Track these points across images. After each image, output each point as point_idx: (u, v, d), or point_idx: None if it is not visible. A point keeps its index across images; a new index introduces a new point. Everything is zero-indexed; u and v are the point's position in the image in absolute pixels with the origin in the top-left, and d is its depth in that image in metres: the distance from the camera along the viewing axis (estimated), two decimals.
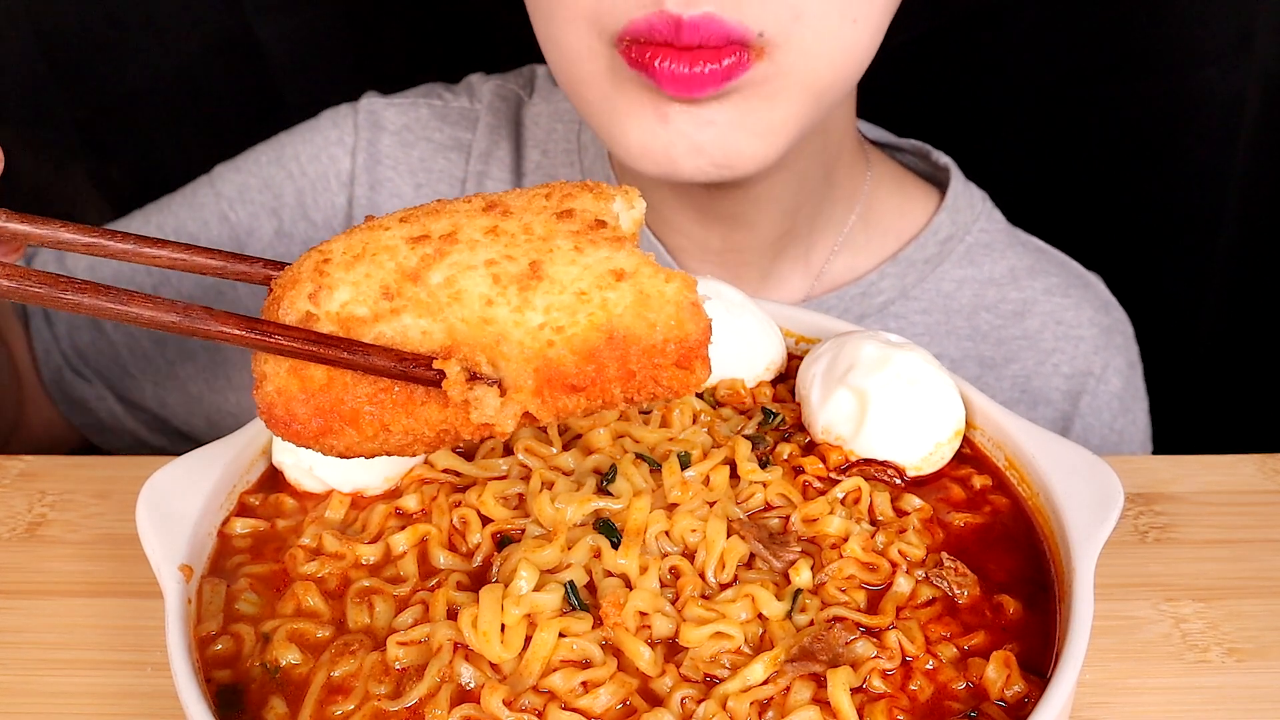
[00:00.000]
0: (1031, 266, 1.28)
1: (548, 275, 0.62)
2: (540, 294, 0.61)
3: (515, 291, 0.61)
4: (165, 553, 0.72)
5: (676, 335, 0.60)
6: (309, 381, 0.62)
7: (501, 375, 0.61)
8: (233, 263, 0.67)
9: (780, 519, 0.77)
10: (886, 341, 0.84)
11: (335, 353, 0.61)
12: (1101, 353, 1.26)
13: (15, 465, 1.01)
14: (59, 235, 0.67)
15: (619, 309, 0.61)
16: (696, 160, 0.96)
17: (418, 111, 1.33)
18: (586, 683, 0.65)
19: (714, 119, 0.95)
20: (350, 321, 0.62)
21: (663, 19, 0.90)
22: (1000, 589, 0.73)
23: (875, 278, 1.24)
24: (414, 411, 0.62)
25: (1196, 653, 0.83)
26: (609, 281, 0.61)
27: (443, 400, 0.61)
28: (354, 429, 0.62)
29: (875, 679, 0.66)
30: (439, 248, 0.63)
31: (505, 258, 0.63)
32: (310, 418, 0.62)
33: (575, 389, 0.61)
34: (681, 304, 0.61)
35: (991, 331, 1.26)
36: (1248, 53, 1.48)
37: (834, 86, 0.98)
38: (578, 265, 0.62)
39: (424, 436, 0.63)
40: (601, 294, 0.61)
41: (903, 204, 1.28)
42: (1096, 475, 0.76)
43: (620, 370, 0.61)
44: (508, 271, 0.62)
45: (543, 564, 0.71)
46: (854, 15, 0.94)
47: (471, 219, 0.65)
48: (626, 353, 0.60)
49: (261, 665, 0.69)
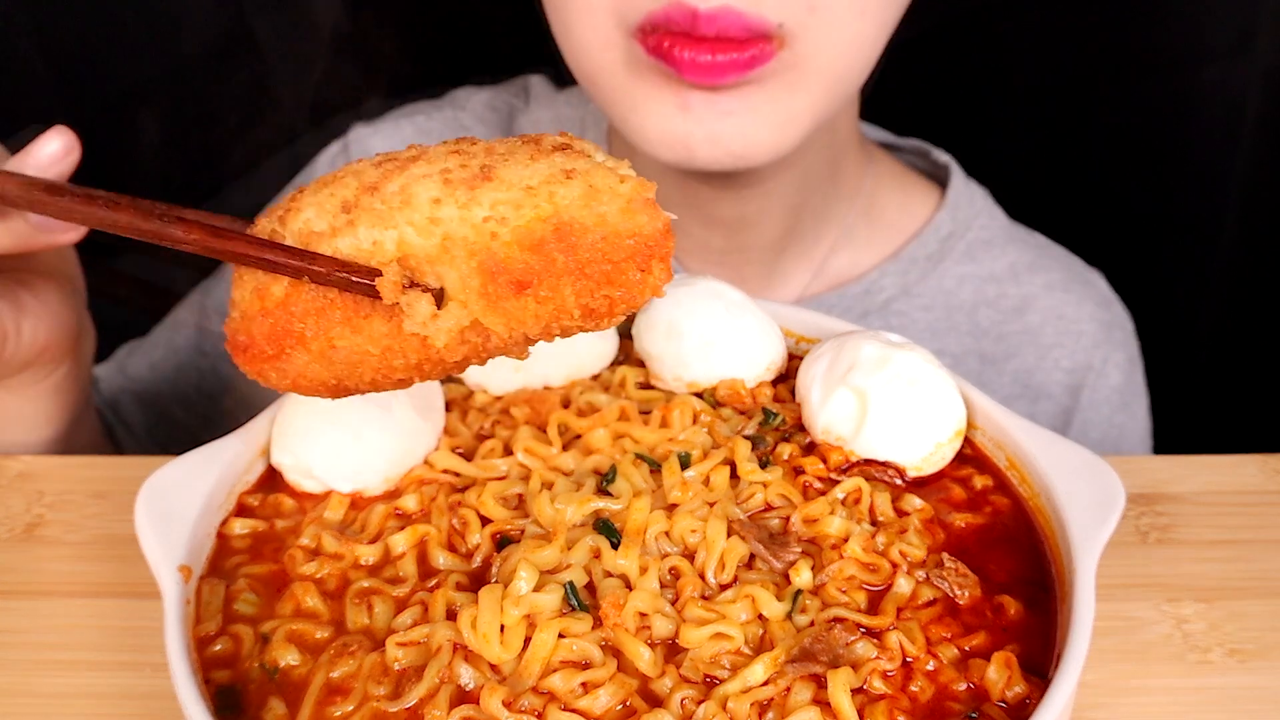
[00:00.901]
0: (1032, 262, 1.28)
1: (498, 176, 0.60)
2: (488, 191, 0.60)
3: (464, 191, 0.60)
4: (164, 553, 0.71)
5: (629, 229, 0.58)
6: (268, 299, 0.62)
7: (445, 283, 0.59)
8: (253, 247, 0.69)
9: (780, 519, 0.77)
10: (887, 341, 0.84)
11: (282, 258, 0.61)
12: (1102, 348, 1.27)
13: (14, 465, 1.01)
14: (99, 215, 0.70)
15: (566, 201, 0.59)
16: (713, 150, 0.97)
17: (402, 132, 1.33)
18: (586, 683, 0.65)
19: (732, 109, 0.96)
20: (309, 237, 0.62)
21: (680, 10, 0.91)
22: (1001, 590, 0.73)
23: (877, 275, 1.24)
24: (358, 326, 0.61)
25: (1198, 653, 0.83)
26: (559, 179, 0.60)
27: (387, 312, 0.60)
28: (303, 348, 0.62)
29: (876, 680, 0.66)
30: (401, 165, 0.63)
31: (460, 166, 0.62)
32: (265, 339, 0.62)
33: (522, 285, 0.58)
34: (634, 199, 0.59)
35: (992, 327, 1.26)
36: (1248, 53, 1.48)
37: (847, 76, 0.99)
38: (529, 168, 0.60)
39: (369, 356, 0.62)
40: (549, 188, 0.59)
41: (904, 201, 1.29)
42: (1097, 476, 0.76)
43: (569, 263, 0.58)
44: (459, 176, 0.61)
45: (542, 564, 0.71)
46: (864, 8, 0.95)
47: (446, 145, 0.65)
48: (575, 245, 0.58)
49: (260, 666, 0.68)
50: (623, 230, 0.58)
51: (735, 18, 0.90)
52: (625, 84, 0.98)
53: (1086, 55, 1.58)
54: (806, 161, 1.11)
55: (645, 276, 0.59)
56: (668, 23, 0.92)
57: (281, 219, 0.63)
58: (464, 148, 0.64)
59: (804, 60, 0.95)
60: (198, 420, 1.34)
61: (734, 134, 0.96)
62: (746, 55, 0.92)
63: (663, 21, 0.92)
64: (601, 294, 0.59)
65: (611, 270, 0.59)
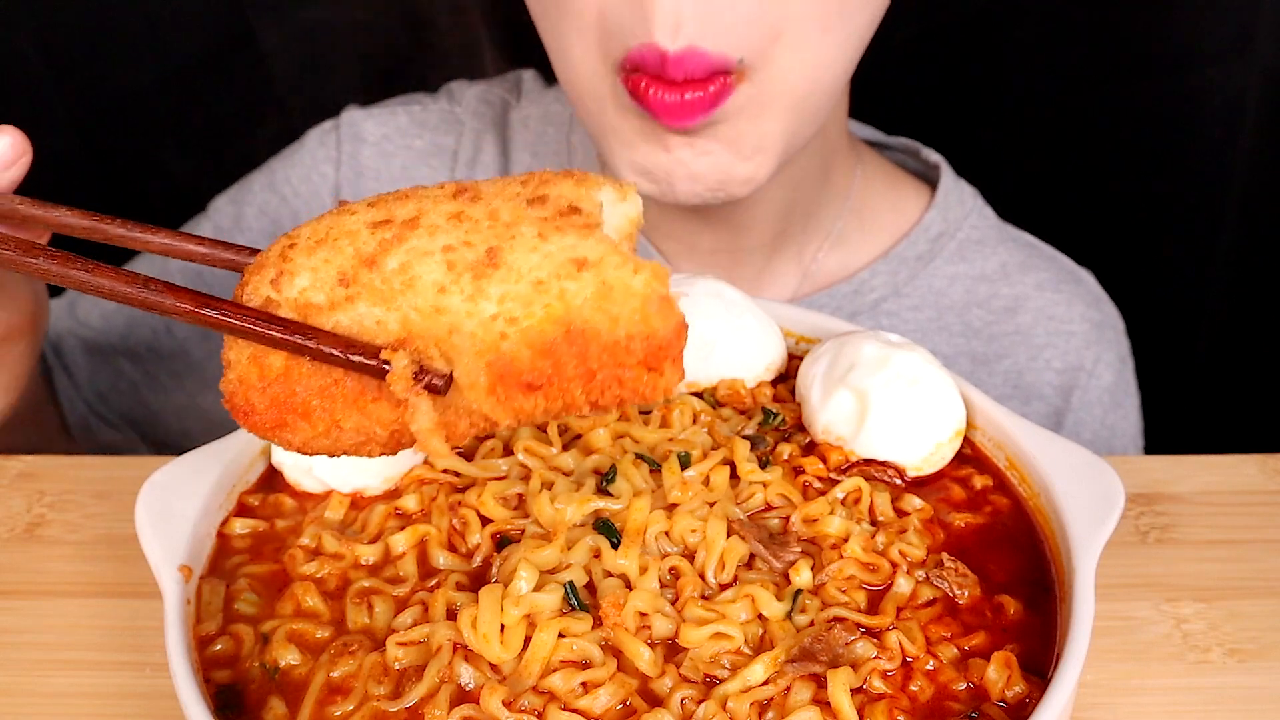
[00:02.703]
0: (1023, 262, 1.28)
1: (505, 263, 0.57)
2: (495, 283, 0.56)
3: (469, 280, 0.57)
4: (164, 553, 0.72)
5: (642, 332, 0.55)
6: (267, 370, 0.59)
7: (454, 369, 0.57)
8: (220, 250, 0.68)
9: (780, 519, 0.77)
10: (887, 341, 0.84)
11: (283, 334, 0.58)
12: (1093, 347, 1.27)
13: (14, 465, 1.01)
14: (62, 219, 0.70)
15: (578, 300, 0.55)
16: (693, 186, 1.00)
17: (396, 120, 1.33)
18: (586, 683, 0.65)
19: (709, 149, 0.98)
20: (307, 309, 0.59)
21: (652, 51, 0.92)
22: (1001, 589, 0.73)
23: (867, 275, 1.24)
24: (365, 408, 0.59)
25: (1197, 653, 0.83)
26: (570, 270, 0.56)
27: (394, 398, 0.57)
28: (306, 423, 0.59)
29: (875, 679, 0.66)
30: (398, 233, 0.59)
31: (464, 244, 0.58)
32: (267, 409, 0.59)
33: (531, 387, 0.56)
34: (649, 298, 0.55)
35: (983, 328, 1.26)
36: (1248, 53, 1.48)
37: (813, 96, 1.00)
38: (538, 253, 0.57)
39: (377, 436, 0.60)
40: (560, 284, 0.56)
41: (894, 201, 1.29)
42: (1097, 476, 0.76)
43: (580, 369, 0.56)
44: (464, 258, 0.58)
45: (542, 564, 0.71)
46: (830, 28, 0.96)
47: (438, 204, 0.61)
48: (586, 349, 0.55)
49: (261, 665, 0.68)
50: (636, 334, 0.55)
51: (700, 58, 0.91)
52: (612, 118, 1.00)
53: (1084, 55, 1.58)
54: (796, 166, 1.11)
55: (656, 377, 0.57)
56: (642, 63, 0.93)
57: (275, 283, 0.60)
58: (465, 209, 0.60)
59: (767, 89, 0.96)
60: (144, 377, 1.32)
61: (712, 172, 0.99)
62: (710, 91, 0.93)
63: (638, 61, 0.94)
64: (612, 393, 0.57)
65: (622, 373, 0.56)
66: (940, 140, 1.36)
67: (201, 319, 0.60)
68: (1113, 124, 1.60)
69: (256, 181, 1.33)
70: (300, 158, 1.32)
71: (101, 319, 1.31)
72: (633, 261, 0.56)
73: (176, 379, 1.32)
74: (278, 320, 0.58)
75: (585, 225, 0.58)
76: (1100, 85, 1.59)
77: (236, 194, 1.33)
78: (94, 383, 1.31)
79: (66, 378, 1.31)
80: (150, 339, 1.32)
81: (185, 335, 1.31)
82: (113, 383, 1.32)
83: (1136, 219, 1.64)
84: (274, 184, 1.31)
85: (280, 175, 1.31)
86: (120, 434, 1.33)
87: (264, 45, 1.61)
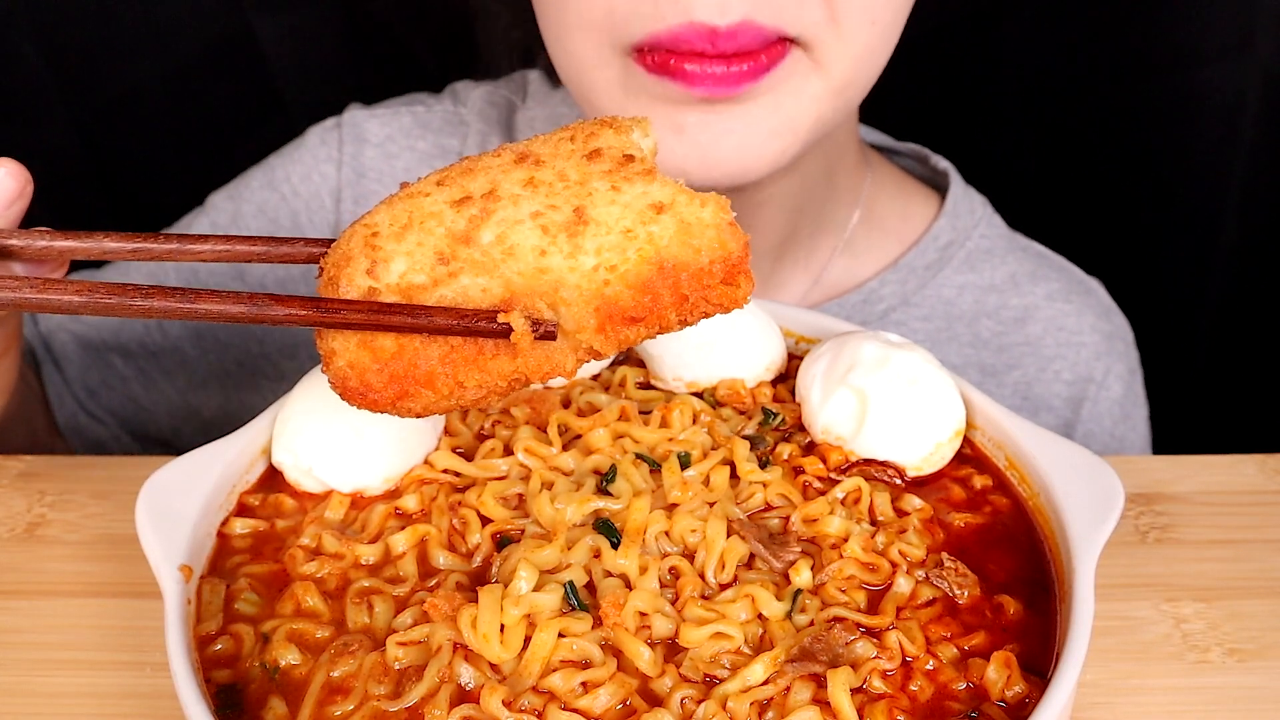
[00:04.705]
0: (1033, 272, 1.28)
1: (592, 218, 0.65)
2: (589, 237, 0.65)
3: (565, 239, 0.65)
4: (165, 553, 0.71)
5: (720, 255, 0.64)
6: (380, 351, 0.65)
7: (561, 319, 0.64)
8: (274, 246, 0.71)
9: (780, 519, 0.77)
10: (887, 341, 0.84)
11: (401, 319, 0.64)
12: (1103, 359, 1.26)
13: (15, 465, 1.01)
14: (104, 246, 0.71)
15: (665, 240, 0.64)
16: (709, 173, 0.98)
17: (400, 120, 1.32)
18: (586, 683, 0.65)
19: (732, 127, 0.95)
20: (411, 290, 0.65)
21: (695, 30, 0.89)
22: (1001, 589, 0.73)
23: (876, 284, 1.24)
24: (485, 365, 0.65)
25: (1197, 653, 0.83)
26: (650, 216, 0.65)
27: (511, 351, 0.64)
28: (430, 390, 0.65)
29: (875, 679, 0.66)
30: (483, 207, 0.66)
31: (549, 207, 0.66)
32: (386, 385, 0.65)
33: (634, 320, 0.65)
34: (720, 225, 0.65)
35: (993, 338, 1.26)
36: (1248, 53, 1.48)
37: (854, 86, 0.99)
38: (618, 205, 0.65)
39: (497, 387, 0.66)
40: (646, 229, 0.65)
41: (903, 208, 1.28)
42: (1097, 476, 0.76)
43: (674, 297, 0.65)
44: (554, 220, 0.65)
45: (542, 564, 0.71)
46: (874, 18, 0.95)
47: (507, 174, 0.68)
48: (678, 279, 0.64)
49: (261, 665, 0.68)
50: (715, 258, 0.64)
51: (755, 31, 0.90)
52: (620, 103, 0.98)
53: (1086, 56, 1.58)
54: (804, 167, 1.11)
55: (734, 290, 0.65)
56: (676, 42, 0.90)
57: (370, 272, 0.65)
58: (535, 175, 0.68)
59: (813, 70, 0.95)
60: (136, 373, 1.32)
61: (729, 155, 0.96)
62: (762, 61, 0.92)
63: (670, 41, 0.91)
64: (699, 311, 0.66)
65: (707, 291, 0.65)
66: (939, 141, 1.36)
67: (318, 320, 0.64)
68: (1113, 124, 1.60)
69: (255, 179, 1.32)
70: (300, 156, 1.31)
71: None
72: (698, 197, 0.65)
73: (168, 376, 1.32)
74: (390, 306, 0.64)
75: (645, 171, 0.67)
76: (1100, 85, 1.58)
77: (234, 190, 1.32)
78: (85, 378, 1.30)
79: (57, 373, 1.30)
80: (142, 335, 1.31)
81: (178, 333, 1.31)
82: (103, 378, 1.31)
83: (1136, 218, 1.64)
84: (273, 182, 1.30)
85: (280, 173, 1.31)
86: (109, 430, 1.32)
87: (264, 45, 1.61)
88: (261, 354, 1.33)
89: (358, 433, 0.79)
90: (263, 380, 1.33)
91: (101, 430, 1.32)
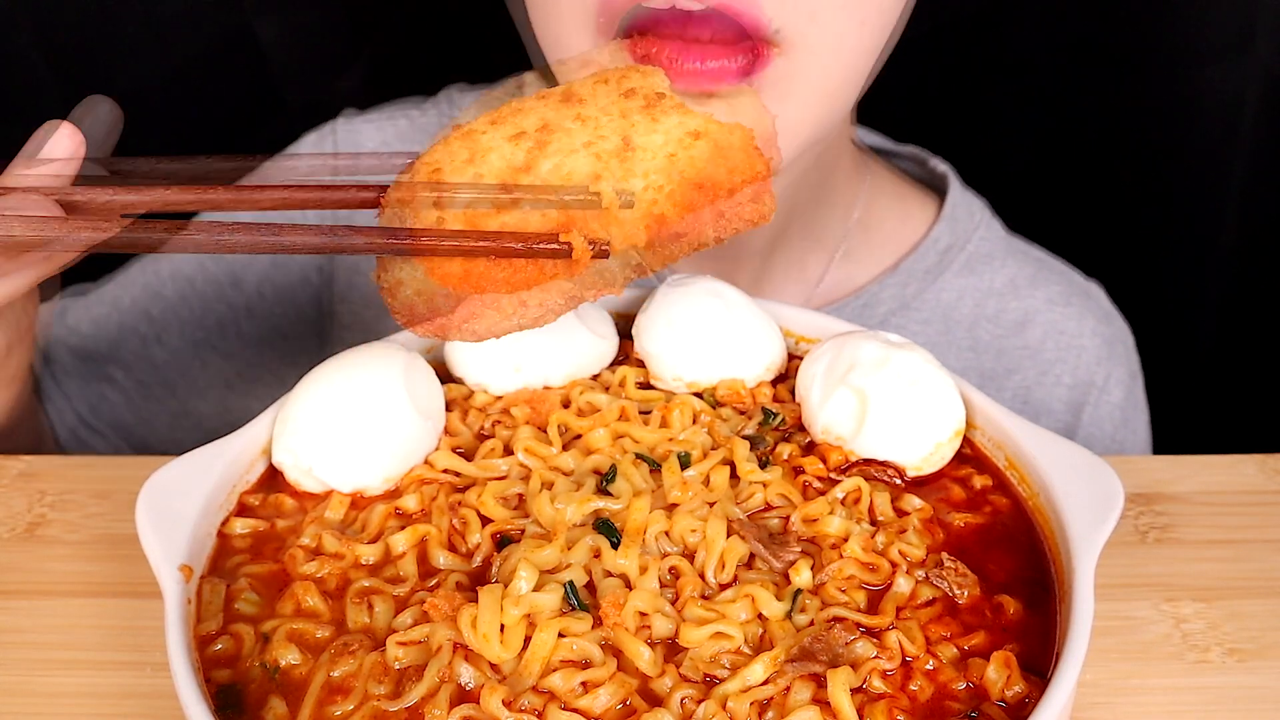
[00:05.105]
0: (1032, 276, 1.27)
1: (638, 145, 0.74)
2: (637, 162, 0.74)
3: (617, 164, 0.73)
4: (165, 553, 0.72)
5: (748, 176, 0.74)
6: (448, 277, 0.70)
7: (614, 238, 0.71)
8: (329, 192, 0.76)
9: (780, 519, 0.77)
10: (887, 341, 0.84)
11: (471, 243, 0.70)
12: (1104, 363, 1.26)
13: (15, 465, 1.01)
14: (165, 198, 0.76)
15: (702, 162, 0.73)
16: None
17: (395, 125, 1.31)
18: (586, 683, 0.65)
19: None
20: (475, 219, 0.72)
21: (670, 13, 0.88)
22: (1000, 589, 0.73)
23: (875, 289, 1.23)
24: (546, 285, 0.71)
25: (1197, 653, 0.83)
26: (689, 142, 0.74)
27: (569, 270, 0.71)
28: (495, 310, 0.71)
29: (875, 679, 0.66)
30: (539, 139, 0.75)
31: (599, 138, 0.75)
32: (454, 308, 0.71)
33: (679, 235, 0.73)
34: (748, 148, 0.74)
35: (993, 343, 1.25)
36: (1248, 53, 1.48)
37: (844, 91, 0.97)
38: (658, 133, 0.75)
39: (555, 305, 0.72)
40: (686, 153, 0.74)
41: (902, 212, 1.27)
42: (1097, 475, 0.76)
43: (712, 213, 0.74)
44: (604, 149, 0.74)
45: (542, 564, 0.71)
46: (864, 19, 0.93)
47: (558, 111, 0.77)
48: (715, 197, 0.73)
49: (261, 665, 0.68)
50: (746, 176, 0.74)
51: (730, 18, 0.88)
52: None
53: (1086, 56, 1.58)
54: (793, 168, 1.10)
55: (761, 206, 0.75)
56: (656, 25, 0.89)
57: (438, 204, 0.72)
58: (581, 111, 0.77)
59: (801, 70, 0.92)
60: (136, 385, 1.31)
61: None
62: (739, 63, 0.89)
63: (650, 24, 0.89)
64: (731, 227, 0.74)
65: (739, 207, 0.74)
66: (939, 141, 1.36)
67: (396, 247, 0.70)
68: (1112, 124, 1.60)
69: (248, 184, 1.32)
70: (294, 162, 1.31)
71: (91, 324, 1.30)
72: (726, 125, 0.75)
73: (168, 387, 1.32)
74: (462, 233, 0.71)
75: (677, 105, 0.77)
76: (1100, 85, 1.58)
77: None
78: (84, 391, 1.30)
79: (56, 387, 1.30)
80: (140, 348, 1.31)
81: (177, 344, 1.31)
82: (103, 391, 1.31)
83: (1136, 218, 1.64)
84: None
85: None
86: (109, 443, 1.32)
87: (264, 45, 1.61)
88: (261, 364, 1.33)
89: (358, 433, 0.79)
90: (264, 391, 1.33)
91: (103, 442, 1.32)
